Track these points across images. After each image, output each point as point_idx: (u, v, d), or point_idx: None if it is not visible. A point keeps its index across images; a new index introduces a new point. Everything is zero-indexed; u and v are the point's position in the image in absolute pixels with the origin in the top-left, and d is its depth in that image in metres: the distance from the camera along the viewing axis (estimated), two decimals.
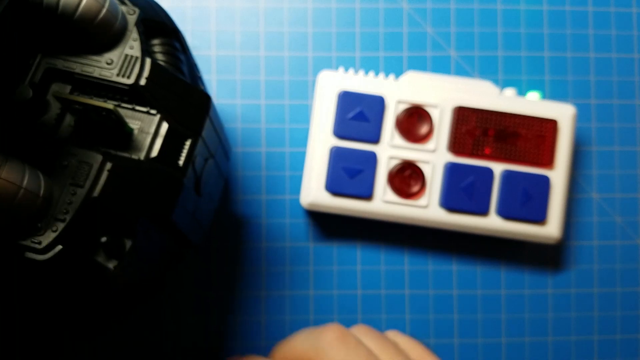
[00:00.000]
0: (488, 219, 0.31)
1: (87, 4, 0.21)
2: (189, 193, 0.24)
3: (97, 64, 0.22)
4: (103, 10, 0.21)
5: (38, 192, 0.19)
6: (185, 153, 0.23)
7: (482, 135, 0.31)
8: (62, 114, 0.22)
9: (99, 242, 0.21)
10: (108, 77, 0.22)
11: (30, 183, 0.19)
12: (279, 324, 0.33)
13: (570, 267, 0.34)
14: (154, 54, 0.25)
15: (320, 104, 0.31)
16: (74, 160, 0.21)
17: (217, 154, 0.27)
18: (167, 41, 0.25)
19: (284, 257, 0.33)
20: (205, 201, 0.27)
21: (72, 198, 0.20)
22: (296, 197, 0.33)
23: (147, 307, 0.33)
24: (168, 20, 0.26)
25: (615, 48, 0.35)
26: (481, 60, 0.35)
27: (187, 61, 0.26)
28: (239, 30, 0.34)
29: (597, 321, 0.34)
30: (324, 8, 0.34)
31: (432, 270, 0.33)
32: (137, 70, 0.22)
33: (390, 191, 0.31)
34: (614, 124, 0.35)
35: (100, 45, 0.22)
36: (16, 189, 0.19)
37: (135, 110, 0.22)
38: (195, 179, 0.25)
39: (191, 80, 0.26)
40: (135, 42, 0.22)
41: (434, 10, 0.35)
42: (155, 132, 0.22)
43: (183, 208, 0.24)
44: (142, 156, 0.22)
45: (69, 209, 0.20)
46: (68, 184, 0.20)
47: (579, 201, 0.34)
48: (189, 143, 0.23)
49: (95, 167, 0.20)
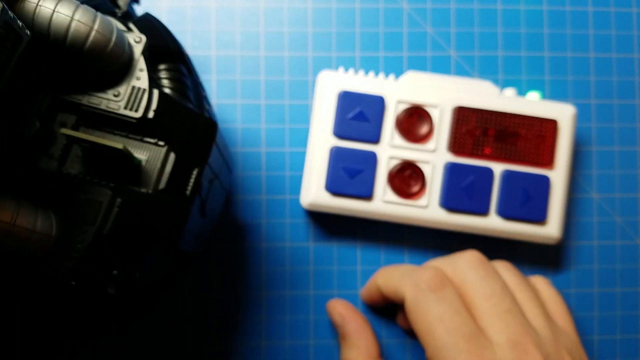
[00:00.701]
0: (488, 219, 0.31)
1: (95, 39, 0.20)
2: (194, 218, 0.24)
3: (104, 96, 0.22)
4: (110, 45, 0.21)
5: (50, 233, 0.20)
6: (192, 182, 0.23)
7: (482, 135, 0.31)
8: (69, 145, 0.22)
9: (110, 274, 0.21)
10: (115, 110, 0.22)
11: (43, 226, 0.20)
12: (279, 324, 0.33)
13: (570, 267, 0.34)
14: (160, 80, 0.24)
15: (320, 104, 0.31)
16: (84, 196, 0.21)
17: (222, 172, 0.27)
18: (173, 66, 0.25)
19: (284, 257, 0.33)
20: (209, 218, 0.27)
21: (83, 236, 0.20)
22: (296, 197, 0.33)
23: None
24: (173, 44, 0.25)
25: (615, 48, 0.35)
26: (481, 60, 0.35)
27: (192, 84, 0.26)
28: (239, 30, 0.34)
29: (597, 321, 0.34)
30: (324, 8, 0.34)
31: None
32: (145, 102, 0.22)
33: (390, 191, 0.31)
34: (614, 124, 0.35)
35: (107, 76, 0.22)
36: (30, 234, 0.19)
37: (143, 141, 0.22)
38: (201, 203, 0.25)
39: (197, 103, 0.26)
40: (142, 73, 0.22)
41: (434, 10, 0.35)
42: (162, 163, 0.22)
43: (189, 233, 0.24)
44: (151, 189, 0.22)
45: (79, 247, 0.20)
46: (78, 222, 0.20)
47: (579, 201, 0.34)
48: (195, 172, 0.23)
49: (105, 204, 0.20)
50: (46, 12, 0.19)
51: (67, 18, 0.20)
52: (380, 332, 0.33)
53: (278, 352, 0.32)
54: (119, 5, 0.25)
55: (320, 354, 0.33)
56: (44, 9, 0.19)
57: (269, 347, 0.32)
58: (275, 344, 0.33)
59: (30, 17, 0.19)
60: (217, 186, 0.27)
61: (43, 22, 0.19)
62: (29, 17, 0.19)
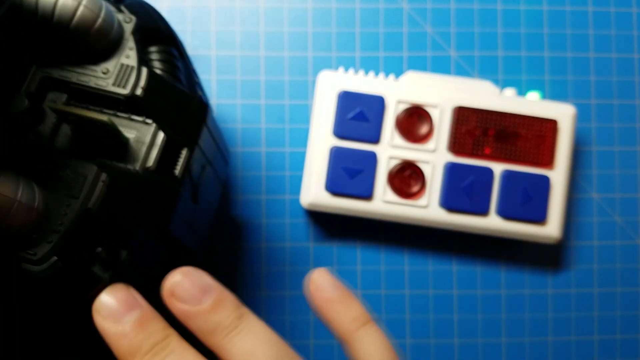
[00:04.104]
0: (488, 219, 0.31)
1: (83, 14, 0.20)
2: (185, 202, 0.24)
3: (93, 73, 0.22)
4: (99, 20, 0.21)
5: (33, 205, 0.19)
6: (181, 163, 0.23)
7: (482, 135, 0.31)
8: (59, 123, 0.22)
9: (95, 252, 0.21)
10: (104, 87, 0.22)
11: (25, 195, 0.19)
12: (279, 324, 0.33)
13: (570, 267, 0.34)
14: (151, 62, 0.24)
15: (320, 104, 0.31)
16: (69, 171, 0.20)
17: (215, 160, 0.27)
18: (164, 49, 0.25)
19: (284, 257, 0.33)
20: (203, 208, 0.27)
21: (67, 210, 0.20)
22: (296, 197, 0.33)
23: None
24: (165, 27, 0.25)
25: (615, 48, 0.35)
26: (481, 60, 0.35)
27: (185, 68, 0.26)
28: (239, 30, 0.34)
29: (597, 321, 0.34)
30: (324, 8, 0.34)
31: (432, 270, 0.33)
32: (134, 80, 0.22)
33: (390, 191, 0.31)
34: (614, 124, 0.35)
35: (96, 54, 0.22)
36: (11, 202, 0.19)
37: (131, 119, 0.22)
38: (192, 187, 0.25)
39: (189, 86, 0.26)
40: (131, 51, 0.22)
41: (434, 10, 0.35)
42: (151, 142, 0.22)
43: (180, 217, 0.24)
44: (138, 167, 0.22)
45: (63, 220, 0.20)
46: (63, 195, 0.20)
47: (579, 201, 0.34)
48: (185, 152, 0.23)
49: (90, 178, 0.20)
50: None
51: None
52: None
53: None
54: None
55: (320, 354, 0.33)
56: None
57: None
58: None
59: None
60: (210, 174, 0.27)
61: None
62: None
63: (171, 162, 0.23)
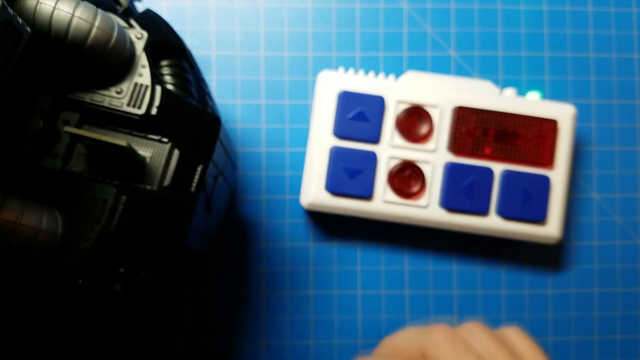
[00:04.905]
0: (488, 219, 0.31)
1: (97, 35, 0.20)
2: (200, 215, 0.24)
3: (106, 93, 0.22)
4: (112, 41, 0.21)
5: (56, 232, 0.20)
6: (197, 178, 0.23)
7: (482, 135, 0.31)
8: (73, 142, 0.22)
9: (116, 272, 0.21)
10: (118, 107, 0.22)
11: (49, 225, 0.19)
12: (279, 324, 0.33)
13: (570, 267, 0.34)
14: (163, 76, 0.24)
15: (320, 104, 0.31)
16: (89, 194, 0.21)
17: (226, 169, 0.27)
18: (175, 62, 0.25)
19: (284, 257, 0.33)
20: (214, 215, 0.27)
21: (89, 234, 0.20)
22: (296, 197, 0.33)
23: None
24: (175, 39, 0.25)
25: (615, 48, 0.35)
26: (481, 60, 0.35)
27: (195, 80, 0.26)
28: (239, 30, 0.34)
29: (597, 321, 0.33)
30: (324, 8, 0.34)
31: (432, 270, 0.33)
32: (148, 99, 0.22)
33: (390, 191, 0.31)
34: (614, 124, 0.35)
35: (109, 73, 0.22)
36: (35, 232, 0.19)
37: (147, 138, 0.22)
38: (205, 199, 0.25)
39: (200, 99, 0.26)
40: (144, 69, 0.22)
41: (434, 10, 0.35)
42: (167, 160, 0.22)
43: (194, 229, 0.24)
44: (155, 186, 0.22)
45: (86, 244, 0.20)
46: (84, 219, 0.20)
47: (579, 201, 0.34)
48: (200, 168, 0.23)
49: (110, 202, 0.20)
50: (47, 9, 0.19)
51: (68, 15, 0.20)
52: None
53: (278, 352, 0.32)
54: (119, 2, 0.25)
55: (320, 354, 0.33)
56: (44, 6, 0.19)
57: (269, 347, 0.32)
58: (275, 344, 0.32)
59: (30, 14, 0.19)
60: (221, 183, 0.27)
61: (44, 19, 0.19)
62: (30, 15, 0.19)
63: (187, 179, 0.23)
